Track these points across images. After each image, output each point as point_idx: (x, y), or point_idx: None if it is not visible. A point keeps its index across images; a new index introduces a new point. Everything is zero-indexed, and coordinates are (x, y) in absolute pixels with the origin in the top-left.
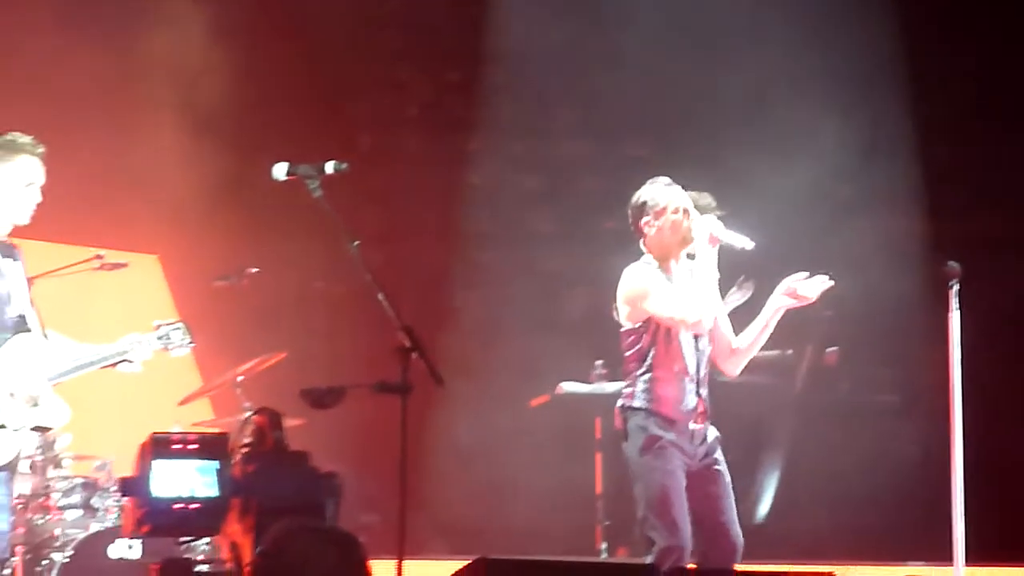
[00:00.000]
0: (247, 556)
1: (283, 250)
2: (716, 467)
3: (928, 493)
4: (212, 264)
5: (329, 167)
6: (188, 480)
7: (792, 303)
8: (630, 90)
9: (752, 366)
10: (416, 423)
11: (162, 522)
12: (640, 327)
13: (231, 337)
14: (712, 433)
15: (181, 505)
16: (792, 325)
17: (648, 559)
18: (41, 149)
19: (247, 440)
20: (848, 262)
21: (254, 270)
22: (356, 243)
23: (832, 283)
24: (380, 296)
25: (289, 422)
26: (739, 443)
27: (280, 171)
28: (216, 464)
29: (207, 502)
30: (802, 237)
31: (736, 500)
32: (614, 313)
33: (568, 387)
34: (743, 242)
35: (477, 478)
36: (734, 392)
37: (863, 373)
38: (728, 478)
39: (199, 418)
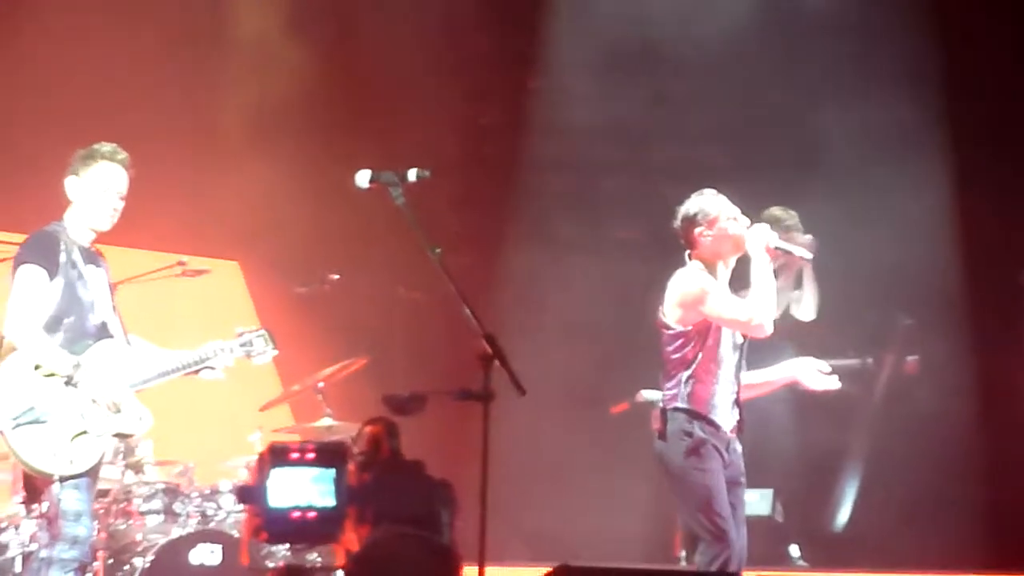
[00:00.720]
0: None
1: (364, 257)
2: (741, 479)
3: (1007, 502)
4: (293, 270)
5: (412, 175)
6: (305, 489)
7: (804, 384)
8: (711, 97)
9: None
10: (496, 429)
11: (280, 530)
12: (690, 330)
13: (312, 343)
14: (739, 447)
15: (299, 514)
16: (872, 334)
17: (697, 558)
18: (122, 156)
19: (362, 449)
20: (926, 270)
21: (335, 276)
22: (438, 250)
23: (839, 387)
24: (462, 303)
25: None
26: (819, 451)
27: (363, 179)
28: (333, 473)
29: (324, 511)
30: (879, 245)
31: (816, 508)
32: (661, 315)
33: (648, 395)
34: (801, 252)
35: (558, 485)
36: (814, 400)
37: (943, 382)
38: (746, 492)
39: (280, 424)
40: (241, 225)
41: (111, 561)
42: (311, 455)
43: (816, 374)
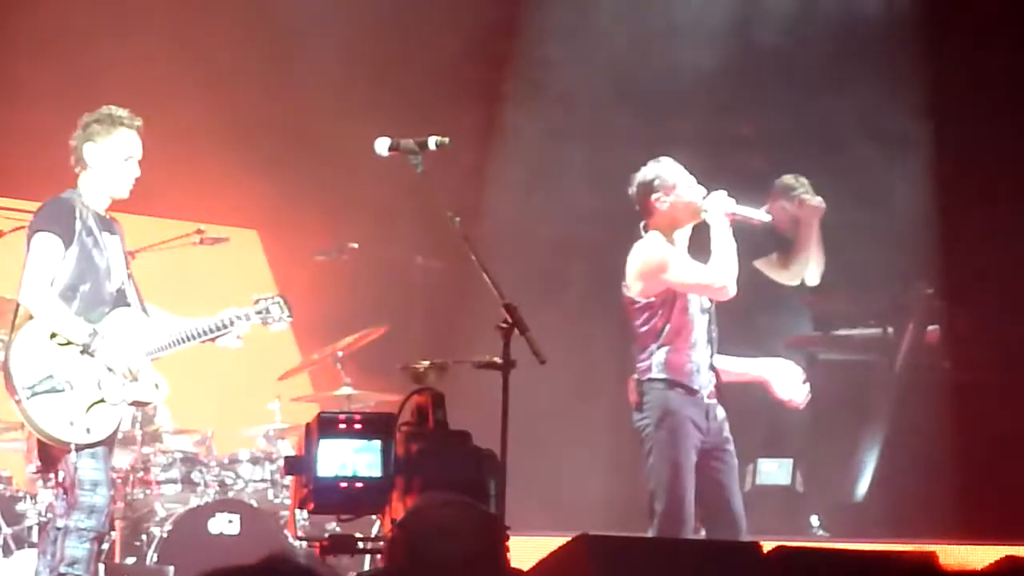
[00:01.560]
0: None
1: (383, 225)
2: (726, 446)
3: None
4: (311, 239)
5: (432, 143)
6: (353, 459)
7: (773, 390)
8: (737, 68)
9: (853, 344)
10: (516, 399)
11: (327, 500)
12: (655, 301)
13: (330, 312)
14: (722, 412)
15: (346, 484)
16: (893, 303)
17: (650, 532)
18: (138, 122)
19: (408, 419)
20: (948, 241)
21: (354, 245)
22: (457, 218)
23: (809, 397)
24: (482, 272)
25: (388, 397)
26: (839, 421)
27: (382, 146)
28: (380, 444)
29: (371, 481)
30: (903, 218)
31: (836, 478)
32: (624, 290)
33: None
34: (759, 215)
35: (578, 454)
36: (834, 370)
37: (963, 352)
38: (735, 459)
39: (299, 393)
40: (260, 193)
41: (128, 531)
42: (358, 426)
43: (788, 383)
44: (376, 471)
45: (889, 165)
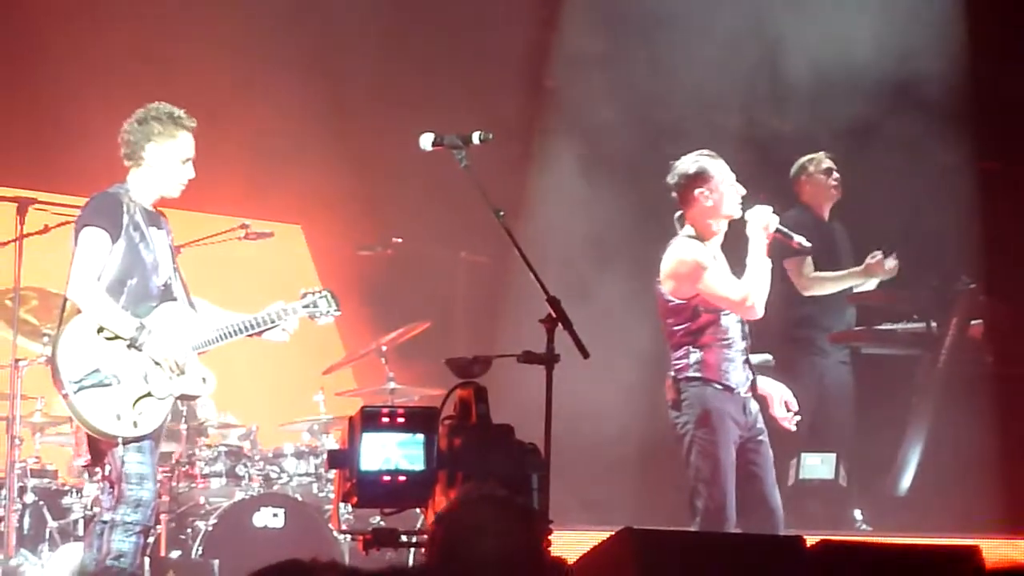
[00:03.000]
0: None
1: (426, 220)
2: (760, 438)
3: None
4: (355, 234)
5: (475, 137)
6: (396, 453)
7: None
8: (778, 65)
9: (896, 339)
10: (559, 393)
11: (370, 494)
12: (689, 301)
13: (374, 307)
14: (755, 406)
15: (389, 478)
16: (936, 298)
17: (693, 528)
18: (193, 123)
19: (451, 413)
20: (991, 235)
21: (398, 240)
22: (502, 213)
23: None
24: (526, 267)
25: (432, 391)
26: (882, 416)
27: (426, 141)
28: (423, 437)
29: (414, 475)
30: (946, 214)
31: (879, 472)
32: (658, 287)
33: None
34: (798, 239)
35: (620, 450)
36: (878, 365)
37: (1007, 346)
38: (770, 450)
39: (343, 387)
40: (304, 189)
41: (174, 524)
42: (402, 419)
43: (781, 406)
44: (419, 465)
45: (931, 160)
